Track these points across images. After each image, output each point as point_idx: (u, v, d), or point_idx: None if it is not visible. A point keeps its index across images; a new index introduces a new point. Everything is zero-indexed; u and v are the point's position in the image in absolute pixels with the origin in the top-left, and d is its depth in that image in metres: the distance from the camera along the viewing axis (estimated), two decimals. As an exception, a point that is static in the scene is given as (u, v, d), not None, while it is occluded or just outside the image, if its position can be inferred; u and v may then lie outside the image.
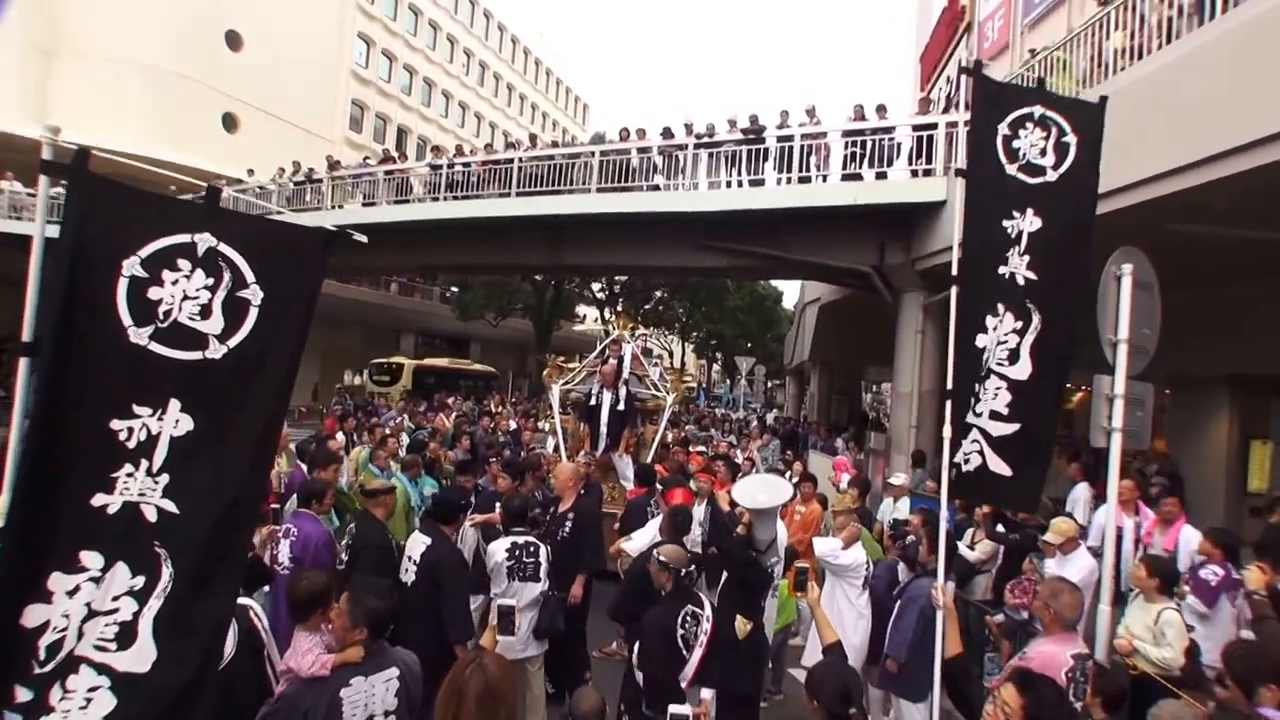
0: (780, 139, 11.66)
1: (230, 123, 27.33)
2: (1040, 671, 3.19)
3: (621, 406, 7.55)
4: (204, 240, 1.85)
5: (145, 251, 1.78)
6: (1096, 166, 3.43)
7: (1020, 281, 3.20)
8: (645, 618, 3.65)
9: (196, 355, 1.82)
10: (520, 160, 14.09)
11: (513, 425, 12.58)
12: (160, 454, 1.78)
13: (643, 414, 8.29)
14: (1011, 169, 3.20)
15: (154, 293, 1.78)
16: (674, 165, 12.65)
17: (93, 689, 1.68)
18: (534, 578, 4.52)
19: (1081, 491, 7.55)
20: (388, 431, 8.79)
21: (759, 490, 4.62)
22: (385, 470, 6.42)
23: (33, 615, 1.63)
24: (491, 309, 30.04)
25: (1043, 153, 3.24)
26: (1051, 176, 3.24)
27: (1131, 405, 3.99)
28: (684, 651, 3.48)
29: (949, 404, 3.15)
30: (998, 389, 3.25)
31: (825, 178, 11.46)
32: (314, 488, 4.52)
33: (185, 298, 1.82)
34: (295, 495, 4.91)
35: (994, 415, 3.26)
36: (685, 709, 2.38)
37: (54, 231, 1.71)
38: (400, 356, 28.71)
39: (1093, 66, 7.60)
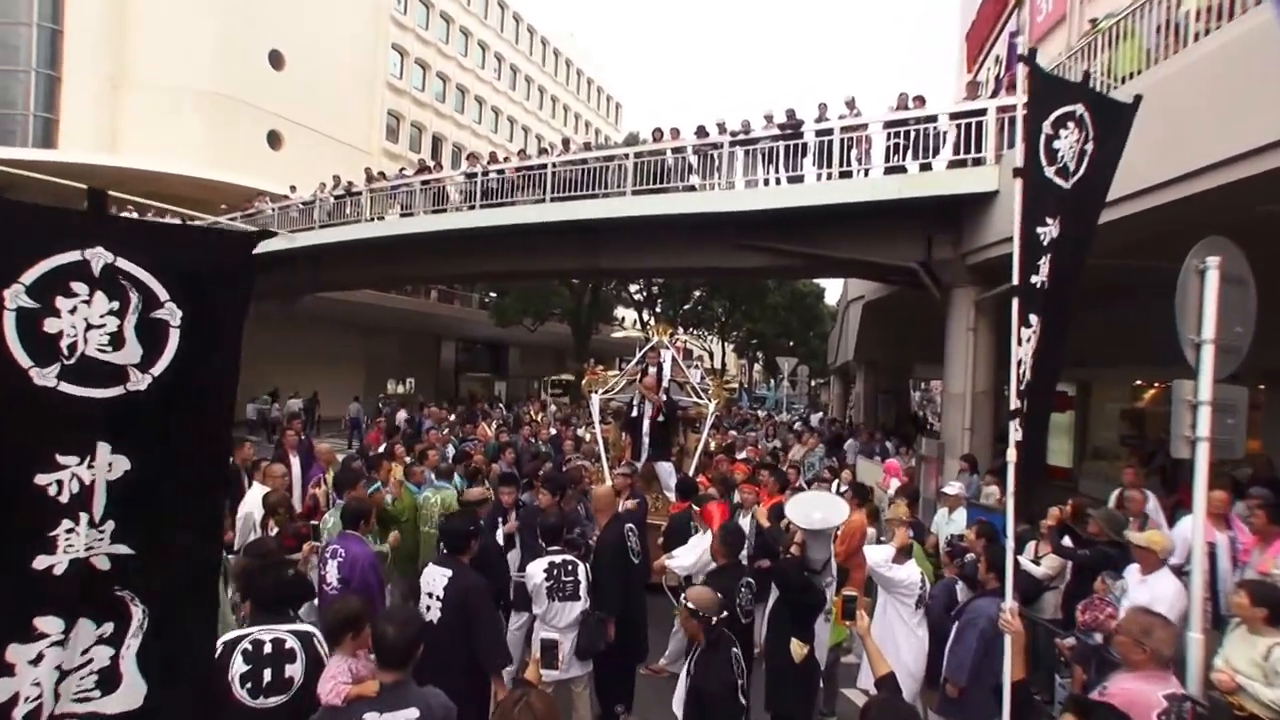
0: (819, 133, 11.32)
1: (274, 140, 28.25)
2: (1125, 710, 2.90)
3: (662, 416, 7.39)
4: (97, 256, 1.59)
5: (29, 277, 1.51)
6: (1109, 175, 3.24)
7: (1042, 291, 3.08)
8: (708, 679, 3.32)
9: (117, 391, 1.61)
10: (554, 165, 14.04)
11: (552, 432, 12.53)
12: (99, 503, 1.61)
13: (684, 421, 8.11)
14: (1049, 171, 2.98)
15: (51, 325, 1.54)
16: (709, 165, 12.42)
17: None
18: (574, 597, 4.43)
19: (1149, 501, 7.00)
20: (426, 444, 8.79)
21: (814, 509, 4.43)
22: (421, 485, 6.36)
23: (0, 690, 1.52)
24: (529, 314, 30.16)
25: (1074, 157, 3.06)
26: (1070, 183, 3.07)
27: (1221, 412, 3.65)
28: (742, 699, 3.29)
29: (1014, 422, 2.98)
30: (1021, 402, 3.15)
31: (867, 172, 11.09)
32: (358, 508, 4.49)
33: (90, 326, 1.58)
34: (333, 513, 4.92)
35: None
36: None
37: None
38: (566, 374, 29.44)
39: (1163, 34, 6.97)
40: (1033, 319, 3.02)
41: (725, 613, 3.42)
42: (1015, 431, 3.00)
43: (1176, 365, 3.79)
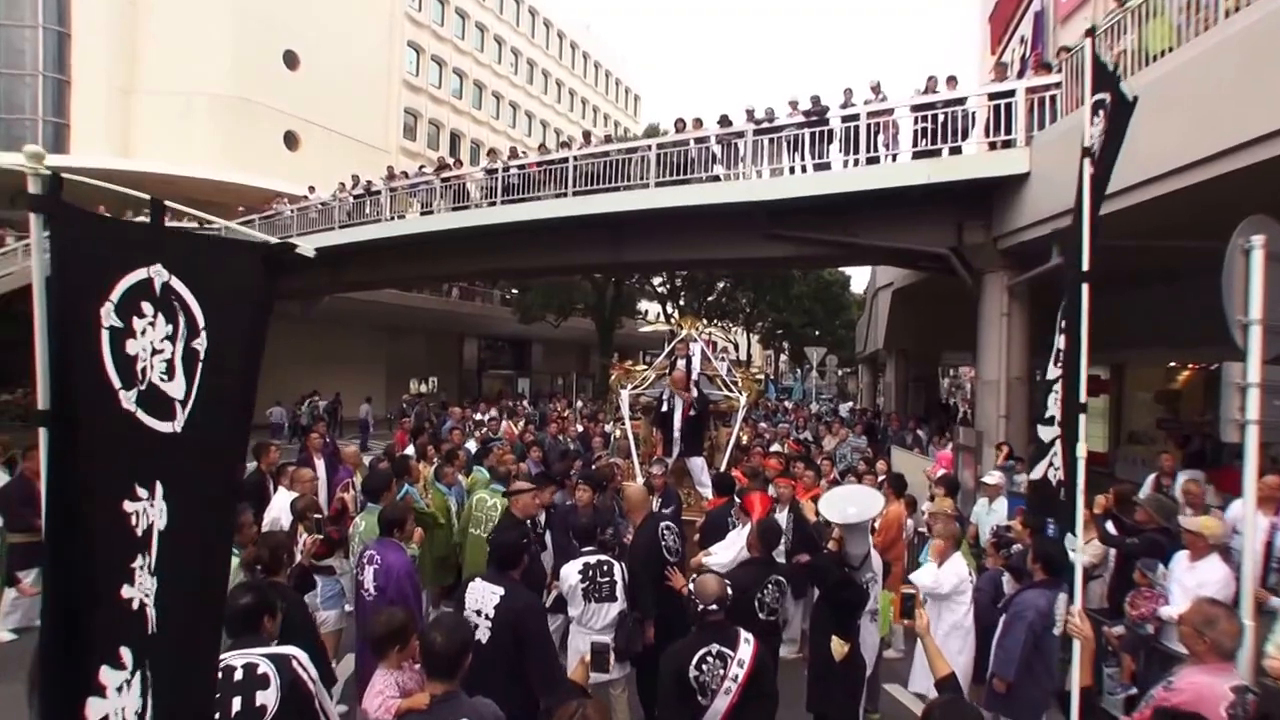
0: (845, 119, 11.12)
1: (291, 141, 28.39)
2: (1194, 707, 2.82)
3: (694, 411, 7.33)
4: (158, 275, 1.47)
5: (116, 294, 1.41)
6: (1108, 175, 3.11)
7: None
8: (662, 656, 3.23)
9: (168, 428, 1.47)
10: (575, 159, 13.95)
11: (579, 429, 12.53)
12: (154, 549, 1.47)
13: (715, 415, 8.05)
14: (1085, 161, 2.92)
15: (130, 346, 1.43)
16: (733, 154, 12.24)
17: None
18: (610, 598, 4.36)
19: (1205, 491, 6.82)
20: (454, 443, 8.80)
21: (848, 504, 4.35)
22: (454, 486, 6.32)
23: (94, 709, 1.45)
24: (552, 310, 30.16)
25: (1098, 146, 2.95)
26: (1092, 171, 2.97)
27: (1270, 394, 3.54)
28: (699, 697, 3.05)
29: (1082, 416, 2.83)
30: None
31: (895, 157, 10.88)
32: (395, 515, 4.41)
33: (154, 352, 1.46)
34: (363, 517, 4.88)
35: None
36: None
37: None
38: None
39: (1193, 10, 6.80)
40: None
41: (718, 605, 3.22)
42: (1082, 423, 2.87)
43: (1210, 346, 3.70)
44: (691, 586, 3.36)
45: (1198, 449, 9.94)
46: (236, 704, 2.42)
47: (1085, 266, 2.78)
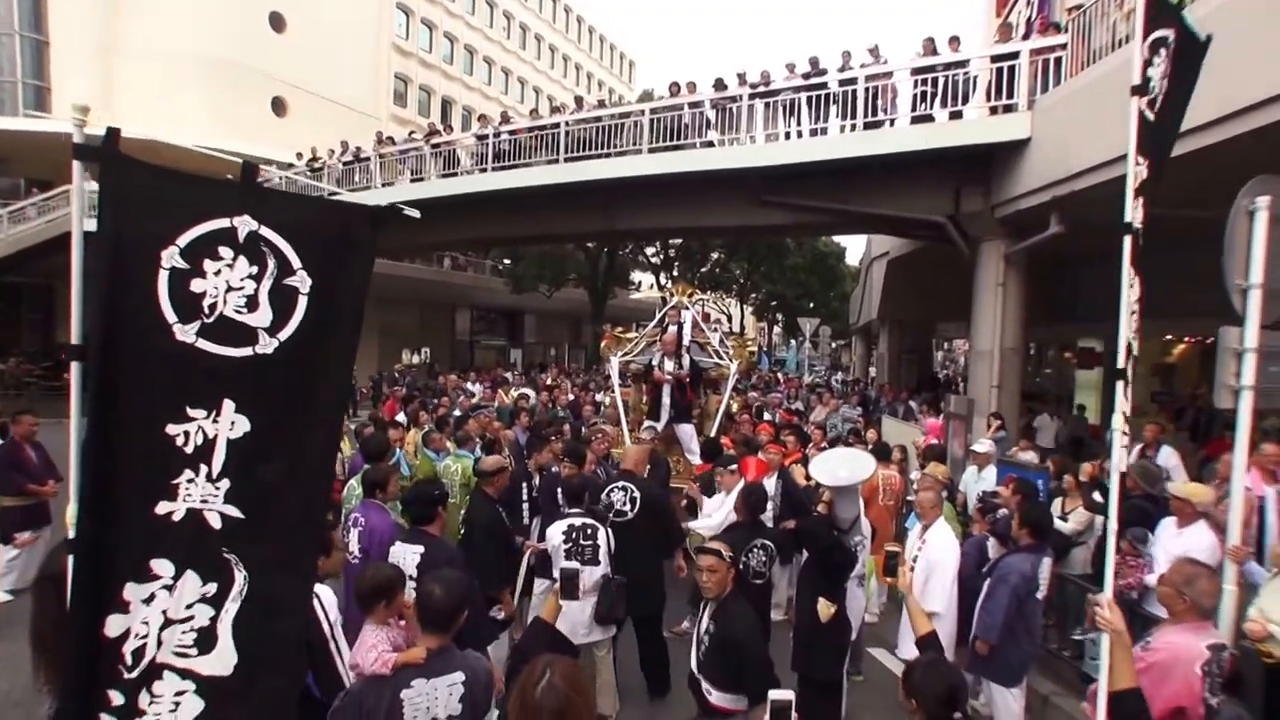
0: (842, 82, 10.88)
1: (279, 107, 27.60)
2: (1170, 666, 2.83)
3: (686, 375, 7.27)
4: (244, 224, 1.71)
5: (184, 240, 1.66)
6: (1179, 120, 2.79)
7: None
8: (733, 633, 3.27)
9: (247, 352, 1.72)
10: (567, 124, 13.70)
11: (570, 398, 12.49)
12: (219, 458, 1.71)
13: (706, 383, 8.01)
14: (1142, 103, 2.51)
15: (197, 285, 1.67)
16: (728, 119, 12.01)
17: (180, 693, 1.69)
18: (593, 561, 4.35)
19: (1169, 456, 6.82)
20: (443, 413, 8.73)
21: (839, 466, 4.33)
22: (441, 453, 6.29)
23: (114, 625, 1.65)
24: (545, 280, 29.93)
25: (1161, 90, 2.59)
26: (1154, 119, 2.58)
27: (1266, 359, 3.53)
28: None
29: (1120, 384, 2.48)
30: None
31: (893, 122, 10.66)
32: (377, 476, 4.40)
33: (230, 289, 1.70)
34: (358, 481, 4.83)
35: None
36: (787, 694, 2.08)
37: (93, 225, 1.63)
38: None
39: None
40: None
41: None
42: (1124, 399, 2.51)
43: (1205, 319, 3.63)
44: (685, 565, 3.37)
45: (1191, 421, 9.98)
46: None
47: (1129, 218, 2.44)
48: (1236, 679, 2.78)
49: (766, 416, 10.13)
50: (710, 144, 12.14)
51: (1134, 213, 2.42)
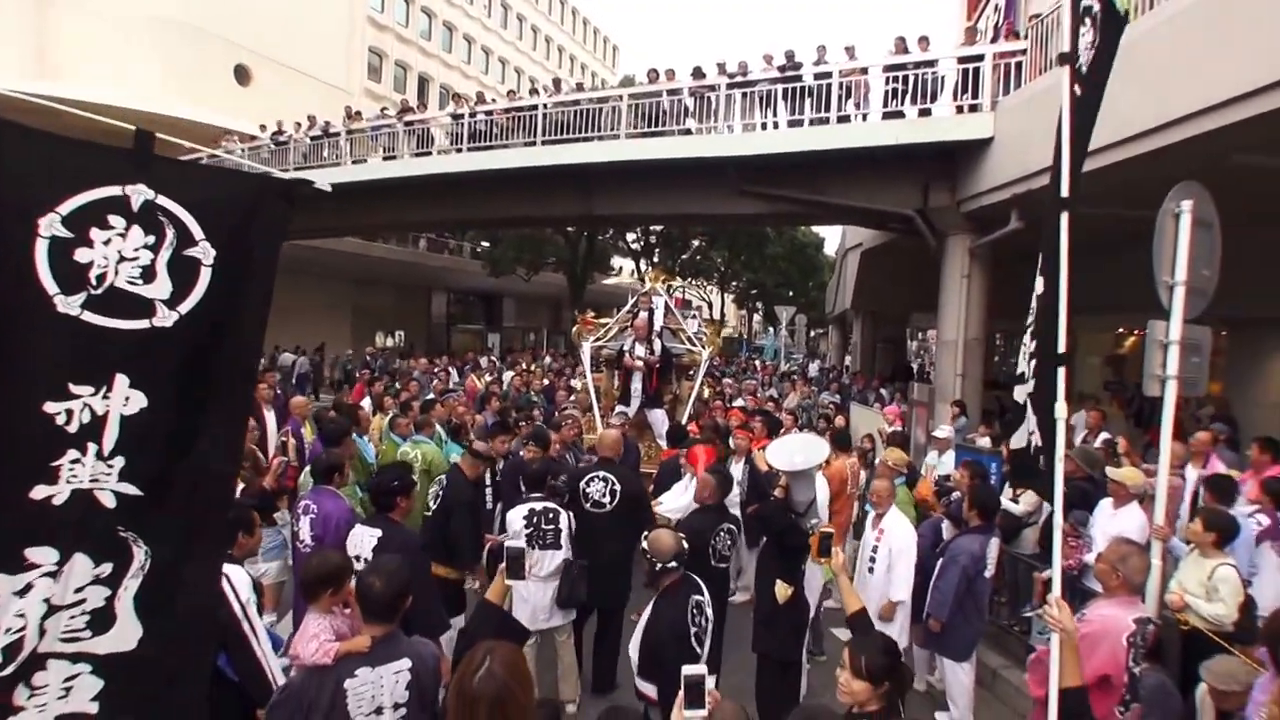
0: (818, 76, 11.01)
1: (242, 75, 25.98)
2: (1100, 637, 3.03)
3: (657, 361, 7.38)
4: (138, 193, 1.61)
5: (67, 207, 1.54)
6: (1099, 99, 2.63)
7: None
8: (659, 624, 3.28)
9: (142, 324, 1.62)
10: (545, 107, 13.63)
11: (545, 383, 12.54)
12: (110, 435, 1.60)
13: (677, 370, 8.12)
14: (1069, 72, 2.42)
15: (82, 255, 1.56)
16: (706, 107, 12.09)
17: (70, 678, 1.61)
18: (554, 545, 4.41)
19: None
20: (411, 396, 8.66)
21: (795, 451, 4.46)
22: (407, 437, 6.24)
23: None
24: (523, 263, 29.67)
25: (1087, 63, 2.46)
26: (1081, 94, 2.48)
27: (1188, 351, 3.77)
28: (695, 647, 3.21)
29: (1062, 370, 2.45)
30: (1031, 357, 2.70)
31: (865, 117, 10.83)
32: (331, 461, 4.30)
33: (122, 259, 1.60)
34: (311, 469, 4.72)
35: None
36: (700, 669, 2.05)
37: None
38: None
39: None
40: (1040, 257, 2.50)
41: (677, 561, 3.34)
42: (1060, 378, 2.43)
43: (1157, 313, 3.84)
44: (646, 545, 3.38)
45: (1138, 409, 10.35)
46: None
47: (1064, 193, 2.40)
48: (1159, 648, 2.99)
49: (739, 403, 10.29)
50: (688, 131, 12.20)
51: (1067, 189, 2.41)
